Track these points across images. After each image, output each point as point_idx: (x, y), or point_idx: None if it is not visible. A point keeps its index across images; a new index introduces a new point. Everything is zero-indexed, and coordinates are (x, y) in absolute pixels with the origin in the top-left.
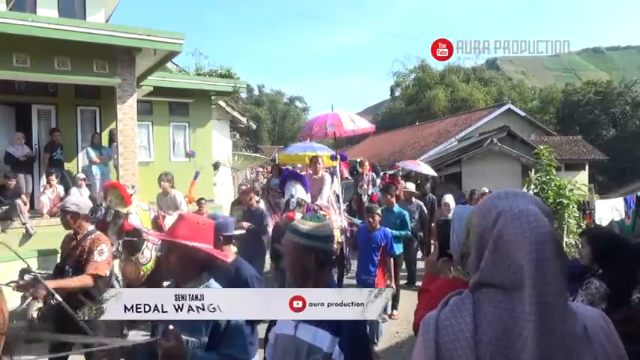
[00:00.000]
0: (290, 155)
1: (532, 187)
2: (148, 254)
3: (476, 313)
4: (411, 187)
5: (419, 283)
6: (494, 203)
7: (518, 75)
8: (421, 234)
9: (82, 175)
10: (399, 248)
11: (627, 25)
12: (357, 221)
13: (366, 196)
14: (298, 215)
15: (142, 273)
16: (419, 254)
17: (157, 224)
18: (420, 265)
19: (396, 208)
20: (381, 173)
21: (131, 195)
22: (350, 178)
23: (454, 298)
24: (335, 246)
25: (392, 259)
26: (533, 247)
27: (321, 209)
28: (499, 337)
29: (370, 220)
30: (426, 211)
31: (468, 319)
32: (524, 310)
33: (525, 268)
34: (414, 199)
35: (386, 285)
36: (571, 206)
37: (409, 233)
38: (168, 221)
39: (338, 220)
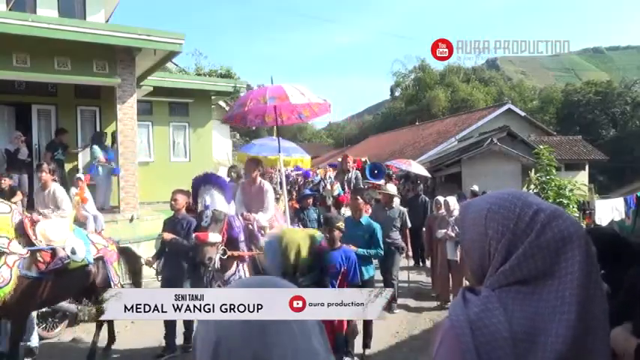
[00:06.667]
0: (251, 156)
1: (532, 187)
2: (7, 274)
3: (505, 311)
4: (391, 189)
5: (411, 303)
6: (523, 202)
7: (518, 75)
8: (404, 246)
9: (80, 176)
10: (368, 271)
11: (627, 25)
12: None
13: (331, 198)
14: (214, 235)
15: None
16: (406, 262)
17: (22, 231)
18: (412, 277)
19: (365, 219)
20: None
21: None
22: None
23: (477, 298)
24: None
25: None
26: (582, 240)
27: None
28: (530, 333)
29: (327, 235)
30: (408, 218)
31: (502, 318)
32: (557, 297)
33: (578, 258)
34: (394, 204)
35: (348, 325)
36: (571, 206)
37: (380, 252)
38: (43, 227)
39: None
